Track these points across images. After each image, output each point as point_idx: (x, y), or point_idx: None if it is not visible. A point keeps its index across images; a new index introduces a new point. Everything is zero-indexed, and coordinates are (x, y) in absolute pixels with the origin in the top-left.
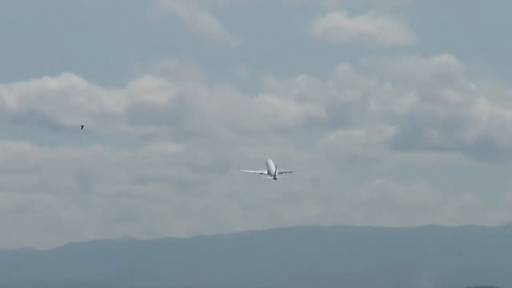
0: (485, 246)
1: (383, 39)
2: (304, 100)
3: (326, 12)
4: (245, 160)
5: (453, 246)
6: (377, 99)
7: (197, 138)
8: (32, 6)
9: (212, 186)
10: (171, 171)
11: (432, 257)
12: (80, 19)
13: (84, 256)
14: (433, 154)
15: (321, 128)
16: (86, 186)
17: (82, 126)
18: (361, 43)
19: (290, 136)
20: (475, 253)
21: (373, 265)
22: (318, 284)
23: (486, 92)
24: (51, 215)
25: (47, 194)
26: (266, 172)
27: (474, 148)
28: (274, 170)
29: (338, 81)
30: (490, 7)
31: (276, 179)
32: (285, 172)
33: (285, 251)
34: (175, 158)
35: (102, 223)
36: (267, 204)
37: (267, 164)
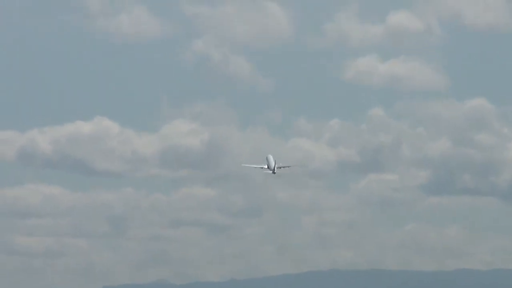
0: None
1: (416, 82)
2: (336, 144)
3: (357, 56)
4: (278, 203)
5: None
6: (409, 143)
7: (229, 182)
8: (64, 50)
9: (245, 230)
10: (204, 215)
11: None
12: (112, 63)
13: None
14: (466, 198)
15: (353, 172)
16: (119, 230)
17: None
18: (393, 86)
19: (323, 180)
20: None
21: None
22: None
23: None
24: (83, 260)
25: (79, 239)
26: (266, 167)
27: (507, 192)
28: (273, 165)
29: (370, 125)
30: None
31: (275, 173)
32: (283, 167)
33: None
34: (207, 201)
35: (135, 267)
36: (300, 247)
37: (267, 159)
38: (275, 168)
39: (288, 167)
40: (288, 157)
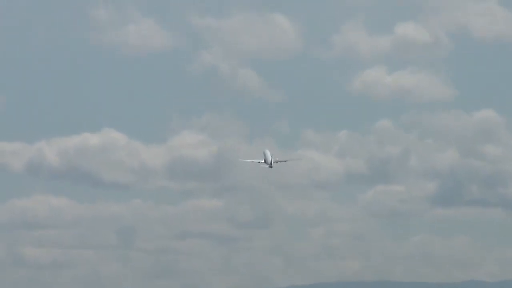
0: None
1: (423, 94)
2: (344, 156)
3: (365, 67)
4: (285, 215)
5: None
6: (417, 154)
7: (237, 193)
8: (71, 62)
9: (253, 241)
10: (212, 227)
11: None
12: (120, 75)
13: None
14: (474, 210)
15: (361, 184)
16: (126, 242)
17: None
18: (401, 98)
19: (330, 191)
20: None
21: None
22: None
23: None
24: (90, 271)
25: (87, 250)
26: (263, 161)
27: None
28: (270, 159)
29: (378, 137)
30: None
31: (272, 167)
32: (280, 161)
33: None
34: (215, 213)
35: (142, 278)
36: (307, 258)
37: (264, 153)
38: (272, 162)
39: (285, 161)
40: (295, 168)
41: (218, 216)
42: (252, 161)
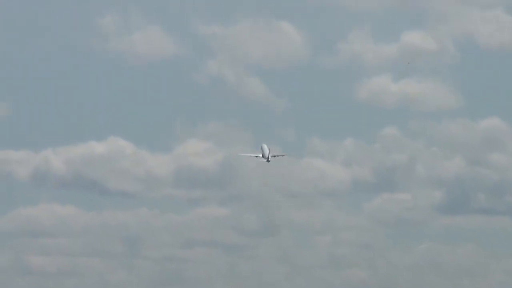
0: None
1: (429, 102)
2: (350, 164)
3: (371, 75)
4: (292, 223)
5: None
6: (423, 162)
7: (243, 202)
8: (76, 70)
9: (259, 250)
10: (218, 235)
11: None
12: (125, 83)
13: None
14: (481, 218)
15: (367, 192)
16: (133, 250)
17: None
18: (407, 106)
19: (336, 200)
20: None
21: None
22: None
23: None
24: (97, 279)
25: (94, 258)
26: (261, 155)
27: None
28: (268, 154)
29: (384, 145)
30: None
31: (269, 161)
32: (278, 156)
33: None
34: (222, 221)
35: (149, 286)
36: (313, 267)
37: (261, 148)
38: (269, 157)
39: (282, 156)
40: (301, 177)
41: (225, 224)
42: (250, 156)
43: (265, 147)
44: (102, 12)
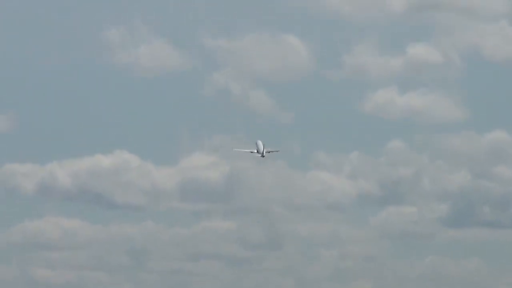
0: None
1: (435, 115)
2: (356, 177)
3: (377, 88)
4: (297, 236)
5: None
6: (429, 175)
7: (249, 215)
8: (82, 83)
9: (265, 263)
10: (224, 248)
11: None
12: (131, 96)
13: None
14: (486, 231)
15: (373, 205)
16: (139, 263)
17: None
18: (412, 119)
19: (342, 213)
20: None
21: None
22: None
23: None
24: None
25: (99, 271)
26: (256, 151)
27: None
28: (262, 149)
29: (390, 158)
30: None
31: (264, 156)
32: (272, 151)
33: None
34: (227, 234)
35: None
36: (320, 280)
37: (256, 144)
38: (264, 152)
39: (277, 151)
40: (307, 190)
41: (230, 237)
42: (246, 151)
43: (260, 143)
44: (108, 25)
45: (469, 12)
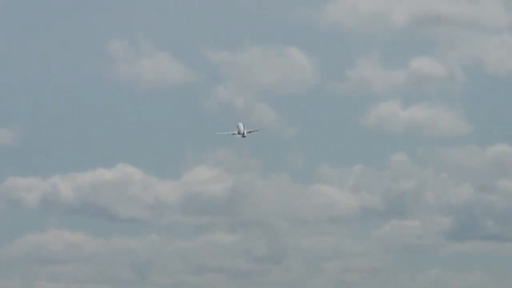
0: None
1: (438, 128)
2: (359, 190)
3: (380, 102)
4: (300, 249)
5: None
6: (432, 189)
7: (252, 228)
8: (85, 97)
9: (268, 276)
10: (227, 261)
11: None
12: (134, 109)
13: None
14: (490, 245)
15: (376, 219)
16: (142, 276)
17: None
18: (415, 132)
19: (345, 226)
20: None
21: None
22: None
23: None
24: None
25: (103, 285)
26: (237, 132)
27: None
28: (243, 130)
29: (393, 171)
30: None
31: (245, 136)
32: (252, 131)
33: None
34: (230, 248)
35: None
36: None
37: (237, 126)
38: (245, 133)
39: (257, 131)
40: (310, 203)
41: (233, 251)
42: (227, 134)
43: (241, 124)
44: (111, 38)
45: (472, 25)
